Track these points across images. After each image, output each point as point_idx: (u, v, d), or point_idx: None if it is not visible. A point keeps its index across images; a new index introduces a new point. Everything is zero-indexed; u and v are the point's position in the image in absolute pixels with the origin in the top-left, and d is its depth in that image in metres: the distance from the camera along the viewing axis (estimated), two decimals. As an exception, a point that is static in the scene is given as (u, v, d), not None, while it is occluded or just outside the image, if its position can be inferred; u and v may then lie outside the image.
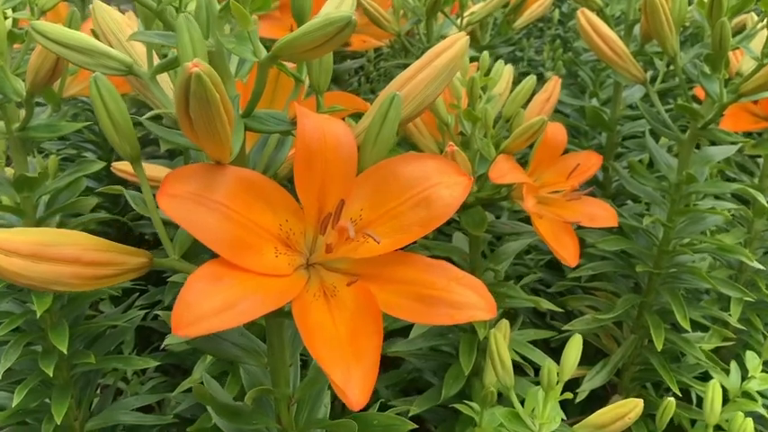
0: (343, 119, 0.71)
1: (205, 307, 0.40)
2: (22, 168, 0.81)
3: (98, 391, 0.97)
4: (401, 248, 0.50)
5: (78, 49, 0.50)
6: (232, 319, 0.40)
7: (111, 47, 0.64)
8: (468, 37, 0.55)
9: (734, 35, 0.77)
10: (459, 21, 1.20)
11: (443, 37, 1.25)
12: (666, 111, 0.91)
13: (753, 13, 0.82)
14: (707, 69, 0.81)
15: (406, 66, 1.33)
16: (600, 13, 1.02)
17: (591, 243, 0.91)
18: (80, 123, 0.80)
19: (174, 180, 0.44)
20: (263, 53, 0.47)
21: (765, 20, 0.78)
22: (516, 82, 1.74)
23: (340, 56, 1.38)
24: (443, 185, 0.50)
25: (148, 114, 0.51)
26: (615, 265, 0.96)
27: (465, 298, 0.45)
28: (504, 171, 0.74)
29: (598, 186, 1.15)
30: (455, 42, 0.55)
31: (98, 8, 0.58)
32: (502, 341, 0.65)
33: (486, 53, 0.78)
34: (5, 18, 0.73)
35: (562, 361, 0.65)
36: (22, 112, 0.77)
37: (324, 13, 0.42)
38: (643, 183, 0.88)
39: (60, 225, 0.86)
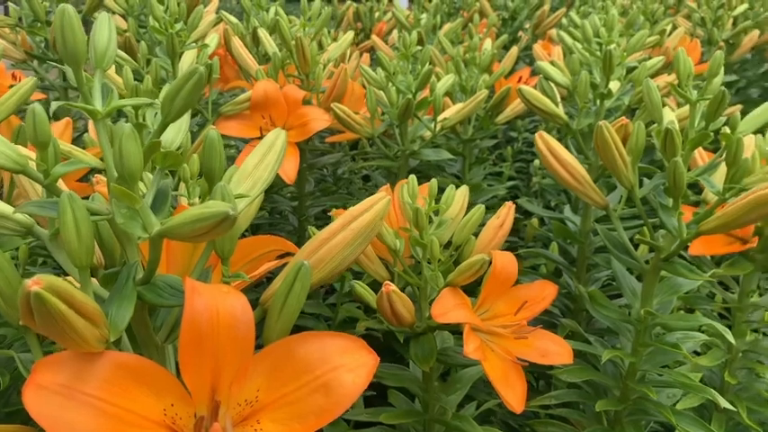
0: (282, 255, 0.69)
1: None
2: None
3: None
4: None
5: (-26, 210, 0.49)
6: None
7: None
8: (387, 198, 0.53)
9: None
10: (432, 124, 1.19)
11: (420, 138, 1.24)
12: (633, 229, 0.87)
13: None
14: (667, 202, 0.78)
15: (385, 168, 1.31)
16: (566, 128, 1.00)
17: (552, 373, 0.87)
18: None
19: (46, 367, 0.41)
20: (155, 228, 0.44)
21: (724, 154, 0.75)
22: (515, 160, 1.75)
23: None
24: (345, 369, 0.46)
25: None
26: (581, 395, 0.91)
27: None
28: (446, 308, 0.71)
29: (571, 300, 1.11)
30: (374, 204, 0.52)
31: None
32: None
33: (434, 181, 0.75)
34: None
35: None
36: None
37: (200, 207, 0.40)
38: (605, 314, 0.84)
39: None
